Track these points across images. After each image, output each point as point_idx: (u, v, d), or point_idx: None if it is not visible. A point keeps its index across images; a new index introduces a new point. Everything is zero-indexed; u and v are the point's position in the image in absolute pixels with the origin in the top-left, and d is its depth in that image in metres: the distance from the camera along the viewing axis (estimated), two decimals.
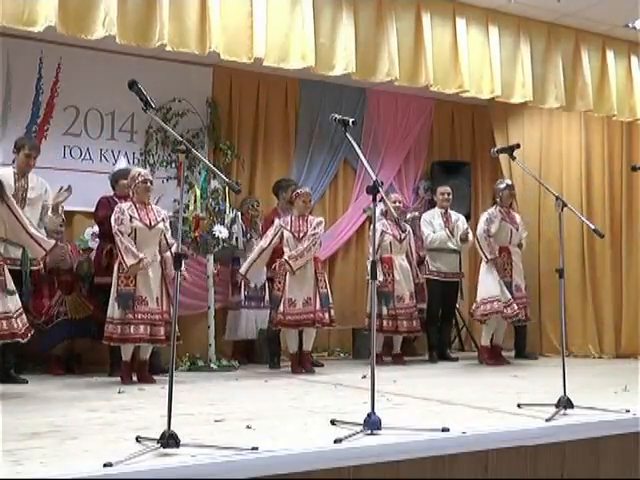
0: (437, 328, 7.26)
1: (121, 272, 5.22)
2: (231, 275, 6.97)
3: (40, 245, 4.80)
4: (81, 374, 5.82)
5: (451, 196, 7.39)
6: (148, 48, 5.32)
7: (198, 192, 6.41)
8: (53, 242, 4.89)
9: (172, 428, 2.74)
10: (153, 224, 5.41)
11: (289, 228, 6.13)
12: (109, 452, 2.67)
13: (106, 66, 6.75)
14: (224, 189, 6.58)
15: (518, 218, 7.02)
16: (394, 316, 6.57)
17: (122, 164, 6.34)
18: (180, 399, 4.25)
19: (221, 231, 6.31)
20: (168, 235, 5.53)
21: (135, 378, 5.35)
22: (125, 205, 5.42)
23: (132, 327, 5.17)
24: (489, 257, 6.65)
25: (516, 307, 6.55)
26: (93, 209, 6.08)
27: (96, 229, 6.33)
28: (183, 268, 4.99)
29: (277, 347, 6.59)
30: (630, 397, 4.31)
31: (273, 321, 6.09)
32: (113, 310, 5.21)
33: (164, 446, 2.70)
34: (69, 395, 4.63)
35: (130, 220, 5.32)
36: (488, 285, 6.61)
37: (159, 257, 5.40)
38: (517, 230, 6.88)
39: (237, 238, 6.66)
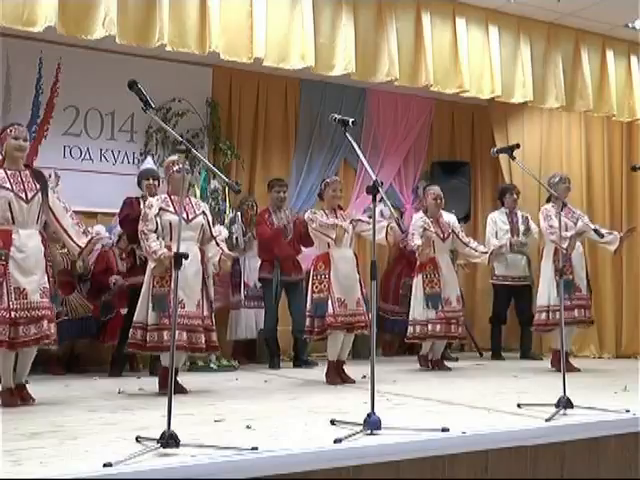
0: None
1: (173, 267, 4.68)
2: (231, 276, 6.96)
3: (74, 241, 4.40)
4: (81, 374, 5.82)
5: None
6: (148, 48, 5.33)
7: (198, 192, 6.41)
8: (87, 238, 4.41)
9: (172, 428, 2.74)
10: (191, 217, 4.80)
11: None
12: (109, 452, 2.67)
13: (106, 66, 6.75)
14: (224, 189, 6.58)
15: (577, 212, 6.36)
16: (444, 320, 6.01)
17: (147, 164, 6.26)
18: (180, 399, 4.26)
19: (221, 231, 6.30)
20: (215, 229, 5.03)
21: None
22: (159, 197, 4.91)
23: (167, 333, 4.53)
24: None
25: (566, 314, 5.77)
26: (93, 209, 6.10)
27: (96, 229, 6.33)
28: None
29: (276, 347, 6.59)
30: (630, 397, 4.31)
31: (315, 329, 5.33)
32: (146, 314, 4.64)
33: (164, 446, 2.70)
34: (69, 395, 4.63)
35: (158, 213, 4.76)
36: (540, 291, 6.17)
37: (199, 255, 4.80)
38: (575, 224, 6.17)
39: (237, 238, 6.66)
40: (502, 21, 6.52)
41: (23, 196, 4.15)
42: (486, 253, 6.31)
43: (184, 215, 4.71)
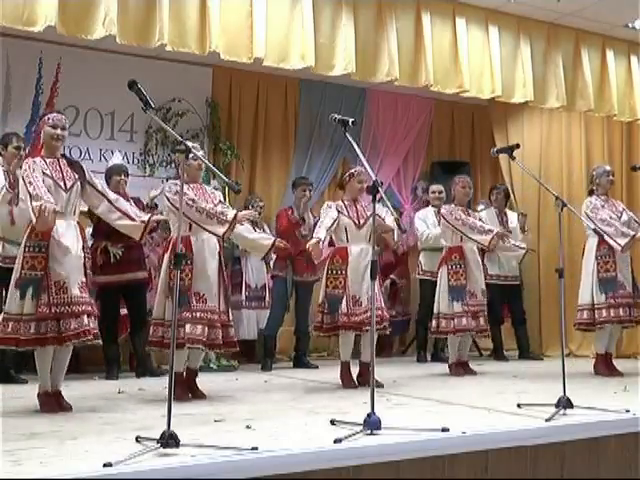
0: (425, 329, 7.03)
1: (172, 267, 4.24)
2: (231, 275, 6.96)
3: (134, 220, 4.15)
4: (81, 374, 5.81)
5: (443, 194, 7.14)
6: (148, 48, 5.33)
7: None
8: (142, 221, 4.12)
9: (172, 428, 2.74)
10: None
11: (346, 214, 5.16)
12: (109, 452, 2.67)
13: (106, 66, 6.75)
14: (224, 189, 6.57)
15: (621, 205, 6.12)
16: (470, 313, 5.75)
17: (116, 160, 6.26)
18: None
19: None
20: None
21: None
22: (177, 183, 4.53)
23: (189, 327, 4.31)
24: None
25: (612, 312, 5.69)
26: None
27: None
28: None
29: (273, 349, 6.54)
30: (630, 397, 4.32)
31: (324, 325, 5.07)
32: (163, 310, 4.40)
33: (164, 446, 2.70)
34: (69, 395, 4.59)
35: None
36: (582, 289, 5.87)
37: (218, 247, 4.57)
38: (619, 218, 5.89)
39: None
40: (502, 21, 6.52)
41: (62, 184, 3.97)
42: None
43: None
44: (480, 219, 6.14)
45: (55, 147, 4.09)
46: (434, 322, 5.89)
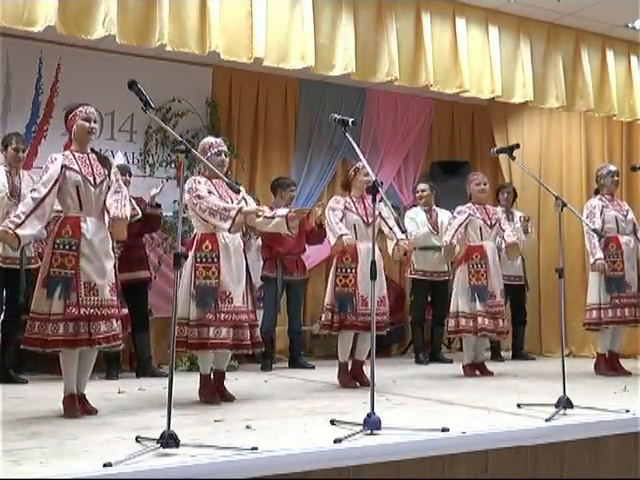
0: (422, 329, 7.04)
1: (199, 262, 4.25)
2: None
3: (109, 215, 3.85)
4: None
5: (426, 192, 7.06)
6: (148, 48, 5.33)
7: None
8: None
9: (172, 428, 2.75)
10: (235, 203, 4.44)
11: (354, 210, 5.12)
12: (109, 452, 2.67)
13: (106, 66, 6.74)
14: None
15: (626, 205, 6.16)
16: (490, 314, 5.67)
17: (119, 160, 6.25)
18: (180, 399, 4.26)
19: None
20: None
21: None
22: (200, 179, 4.45)
23: (212, 330, 4.18)
24: (590, 260, 5.82)
25: (617, 312, 5.76)
26: None
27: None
28: None
29: (271, 349, 6.51)
30: (630, 397, 4.32)
31: (334, 324, 5.04)
32: (188, 309, 4.23)
33: (164, 446, 2.70)
34: None
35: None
36: (590, 288, 5.93)
37: (242, 244, 4.49)
38: (625, 217, 5.97)
39: None
40: (502, 21, 6.52)
41: (91, 180, 3.82)
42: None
43: (228, 201, 4.40)
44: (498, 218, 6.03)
45: (88, 141, 3.96)
46: (452, 321, 5.77)
